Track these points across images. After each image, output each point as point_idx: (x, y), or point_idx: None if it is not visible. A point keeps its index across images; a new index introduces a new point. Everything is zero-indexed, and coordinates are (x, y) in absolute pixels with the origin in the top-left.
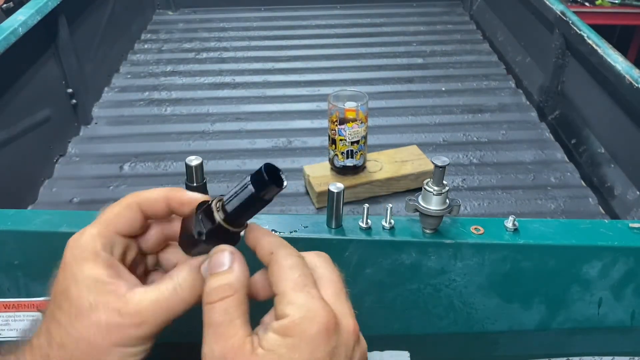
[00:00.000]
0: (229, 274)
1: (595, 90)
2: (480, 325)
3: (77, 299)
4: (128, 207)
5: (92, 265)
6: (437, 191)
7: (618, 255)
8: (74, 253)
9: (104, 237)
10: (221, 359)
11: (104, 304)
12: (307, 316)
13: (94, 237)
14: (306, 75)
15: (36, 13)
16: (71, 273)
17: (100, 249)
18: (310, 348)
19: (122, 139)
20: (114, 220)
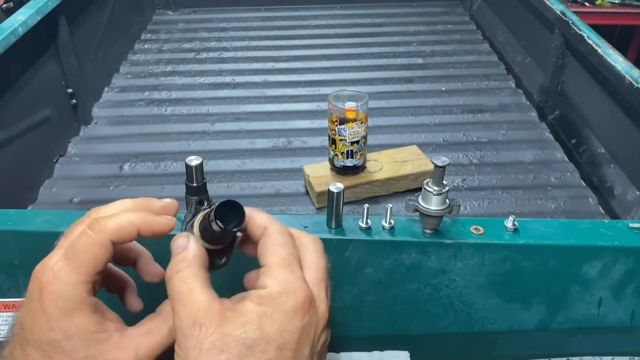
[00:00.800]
0: (183, 252)
1: (595, 90)
2: (480, 325)
3: (71, 352)
4: (103, 246)
5: (81, 317)
6: (437, 191)
7: (618, 255)
8: (59, 305)
9: (88, 283)
10: (189, 321)
11: (100, 354)
12: (286, 291)
13: (76, 286)
14: (306, 75)
15: (36, 13)
16: (59, 327)
17: (86, 297)
18: (282, 320)
19: (122, 139)
20: (92, 263)
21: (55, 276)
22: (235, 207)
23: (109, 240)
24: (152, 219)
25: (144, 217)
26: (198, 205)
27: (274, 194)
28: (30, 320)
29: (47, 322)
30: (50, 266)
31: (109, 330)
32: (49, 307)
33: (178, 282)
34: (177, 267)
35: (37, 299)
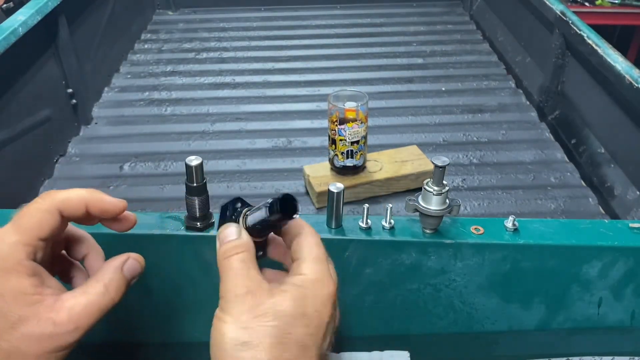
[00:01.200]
0: (239, 239)
1: (595, 90)
2: (480, 325)
3: (5, 313)
4: (48, 212)
5: (17, 277)
6: (437, 191)
7: (618, 255)
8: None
9: (28, 246)
10: (244, 289)
11: (34, 316)
12: (321, 281)
13: (17, 246)
14: (306, 75)
15: (36, 13)
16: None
17: (24, 258)
18: (320, 303)
19: (122, 139)
20: (36, 227)
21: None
22: (288, 200)
23: (55, 208)
24: (102, 197)
25: (94, 194)
26: (235, 207)
27: (274, 194)
28: None
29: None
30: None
31: (45, 294)
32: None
33: (236, 260)
34: (236, 250)
35: None
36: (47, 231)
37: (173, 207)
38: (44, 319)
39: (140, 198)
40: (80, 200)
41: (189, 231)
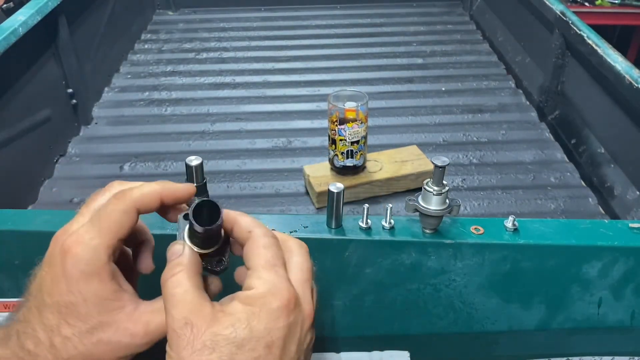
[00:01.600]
0: (179, 257)
1: (595, 90)
2: (480, 325)
3: (86, 317)
4: (126, 212)
5: (99, 281)
6: (437, 191)
7: (618, 255)
8: (80, 267)
9: (109, 248)
10: (182, 321)
11: (113, 323)
12: (271, 291)
13: (99, 248)
14: (306, 75)
15: (36, 13)
16: (77, 290)
17: (106, 262)
18: (269, 319)
19: (122, 139)
20: (115, 228)
21: (79, 239)
22: (213, 206)
23: (134, 208)
24: (173, 186)
25: (165, 184)
26: (185, 218)
27: (274, 194)
28: (50, 282)
29: (67, 284)
30: (73, 231)
31: (124, 300)
32: (70, 270)
33: (172, 284)
34: (172, 271)
35: (58, 261)
36: (126, 231)
37: None
38: (122, 329)
39: None
40: (156, 195)
41: None
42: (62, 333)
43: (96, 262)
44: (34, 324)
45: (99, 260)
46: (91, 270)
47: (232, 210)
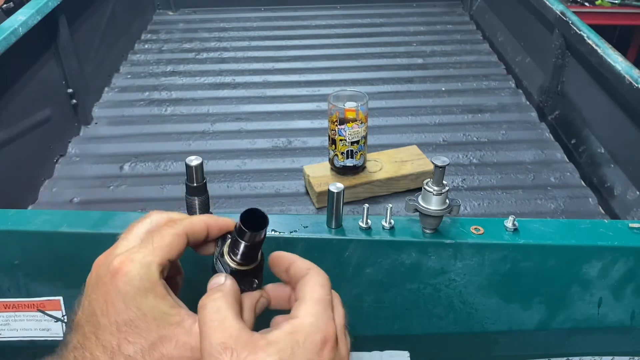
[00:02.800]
0: (221, 286)
1: (595, 90)
2: (480, 325)
3: (146, 332)
4: (178, 235)
5: (155, 297)
6: (437, 191)
7: (618, 255)
8: (135, 284)
9: (161, 266)
10: (220, 346)
11: (173, 337)
12: (316, 325)
13: (151, 266)
14: (306, 75)
15: (36, 13)
16: (135, 306)
17: (158, 279)
18: (312, 351)
19: (122, 139)
20: (167, 249)
21: (130, 258)
22: (258, 216)
23: (184, 233)
24: (217, 218)
25: (211, 216)
26: (222, 240)
27: (274, 194)
28: (104, 303)
29: (124, 301)
30: (120, 253)
31: (181, 314)
32: (124, 288)
33: (212, 310)
34: (212, 296)
35: (108, 282)
36: (176, 254)
37: (173, 207)
38: (182, 343)
39: (140, 198)
40: (204, 224)
41: None
42: (123, 352)
43: (150, 278)
44: (92, 349)
45: (152, 275)
46: (146, 286)
47: (290, 253)
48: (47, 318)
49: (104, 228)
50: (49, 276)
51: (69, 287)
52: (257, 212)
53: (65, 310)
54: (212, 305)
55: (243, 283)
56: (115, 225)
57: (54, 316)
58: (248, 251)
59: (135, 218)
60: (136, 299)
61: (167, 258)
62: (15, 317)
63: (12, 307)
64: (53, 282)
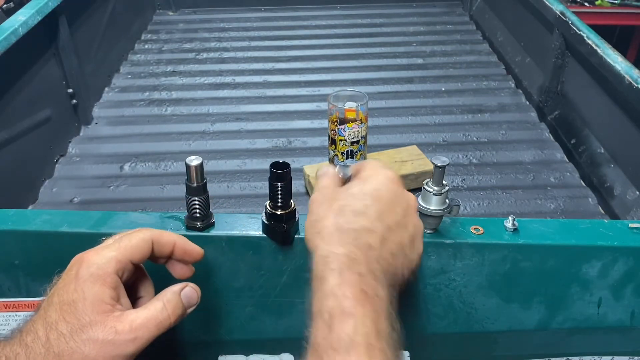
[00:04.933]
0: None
1: (595, 90)
2: (480, 325)
3: (81, 314)
4: (144, 240)
5: (101, 285)
6: (437, 191)
7: (618, 255)
8: (90, 270)
9: (120, 262)
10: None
11: (101, 322)
12: (378, 166)
13: (111, 260)
14: (306, 75)
15: (36, 13)
16: (81, 288)
17: (112, 272)
18: (379, 182)
19: (123, 139)
20: (130, 250)
21: (97, 251)
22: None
23: (150, 239)
24: (187, 241)
25: (181, 238)
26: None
27: None
28: (62, 284)
29: (75, 284)
30: (94, 249)
31: (116, 307)
32: (81, 273)
33: (321, 172)
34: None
35: (74, 267)
36: (139, 257)
37: (173, 207)
38: (109, 327)
39: (140, 198)
40: (172, 241)
41: (189, 231)
42: (58, 329)
43: (105, 269)
44: (37, 322)
45: (108, 267)
46: (98, 274)
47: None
48: None
49: (104, 228)
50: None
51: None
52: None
53: None
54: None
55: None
56: (115, 225)
57: None
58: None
59: (135, 218)
60: (85, 284)
61: (128, 257)
62: (15, 317)
63: (12, 307)
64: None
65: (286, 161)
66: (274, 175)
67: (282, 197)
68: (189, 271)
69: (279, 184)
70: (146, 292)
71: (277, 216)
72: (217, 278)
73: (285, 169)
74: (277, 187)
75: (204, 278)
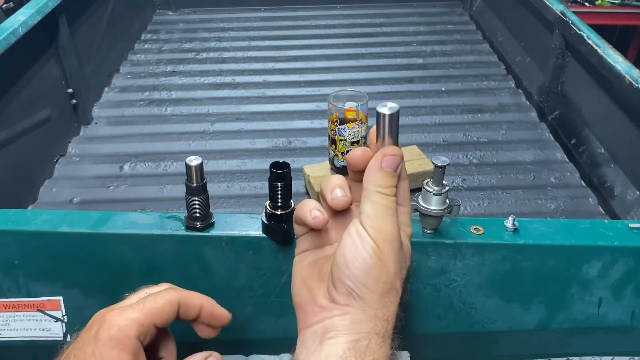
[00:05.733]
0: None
1: (595, 90)
2: (480, 325)
3: None
4: (170, 303)
5: (120, 350)
6: (437, 191)
7: (618, 255)
8: (111, 333)
9: (142, 326)
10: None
11: None
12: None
13: (134, 322)
14: (306, 75)
15: (36, 13)
16: (100, 352)
17: (134, 336)
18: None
19: (122, 139)
20: (155, 312)
21: (119, 312)
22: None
23: (177, 302)
24: (216, 305)
25: (210, 300)
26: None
27: None
28: (81, 344)
29: (94, 346)
30: (117, 307)
31: None
32: (101, 333)
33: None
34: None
35: (95, 327)
36: (162, 320)
37: (173, 207)
38: None
39: (140, 198)
40: (199, 303)
41: (189, 231)
42: None
43: (126, 332)
44: None
45: (129, 330)
46: (119, 337)
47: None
48: (47, 318)
49: (104, 228)
50: (49, 276)
51: (69, 287)
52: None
53: (65, 310)
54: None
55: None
56: (115, 225)
57: (53, 316)
58: (282, 195)
59: (135, 218)
60: (104, 347)
61: (152, 320)
62: (15, 317)
63: (12, 307)
64: (53, 282)
65: (286, 161)
66: (274, 175)
67: (282, 197)
68: (215, 333)
69: (279, 184)
70: (168, 353)
71: (277, 216)
72: (217, 278)
73: (285, 169)
74: (277, 187)
75: (205, 278)
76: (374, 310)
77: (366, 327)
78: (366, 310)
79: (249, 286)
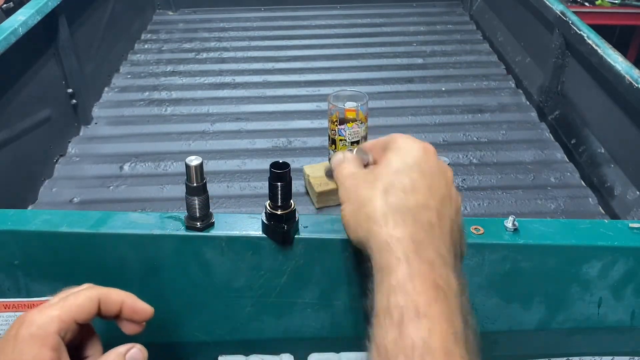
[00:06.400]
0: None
1: (595, 90)
2: (480, 325)
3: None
4: (90, 300)
5: (40, 346)
6: None
7: (618, 255)
8: (31, 330)
9: (63, 322)
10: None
11: None
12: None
13: (53, 319)
14: (306, 75)
15: (36, 13)
16: (20, 350)
17: (54, 332)
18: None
19: (122, 139)
20: (75, 309)
21: (40, 310)
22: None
23: (96, 298)
24: (137, 300)
25: (130, 296)
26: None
27: None
28: (2, 346)
29: (14, 345)
30: (38, 307)
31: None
32: (21, 332)
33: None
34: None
35: (15, 328)
36: (82, 315)
37: (173, 207)
38: None
39: (140, 198)
40: (120, 299)
41: (189, 231)
42: None
43: (46, 328)
44: None
45: (49, 327)
46: (38, 334)
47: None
48: None
49: (104, 228)
50: (49, 276)
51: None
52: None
53: None
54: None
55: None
56: (115, 225)
57: None
58: (282, 195)
59: (134, 218)
60: (23, 344)
61: (73, 316)
62: (15, 317)
63: (12, 307)
64: (53, 282)
65: (286, 161)
66: (273, 175)
67: (282, 197)
68: (139, 328)
69: (279, 184)
70: (93, 351)
71: (277, 216)
72: (217, 278)
73: (285, 169)
74: (277, 187)
75: (204, 278)
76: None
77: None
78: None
79: (249, 286)
